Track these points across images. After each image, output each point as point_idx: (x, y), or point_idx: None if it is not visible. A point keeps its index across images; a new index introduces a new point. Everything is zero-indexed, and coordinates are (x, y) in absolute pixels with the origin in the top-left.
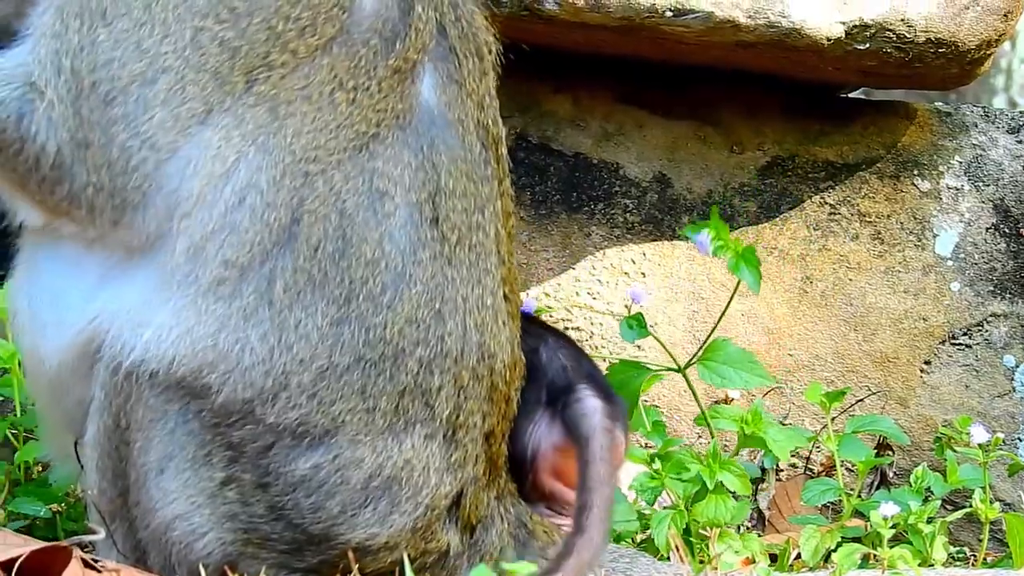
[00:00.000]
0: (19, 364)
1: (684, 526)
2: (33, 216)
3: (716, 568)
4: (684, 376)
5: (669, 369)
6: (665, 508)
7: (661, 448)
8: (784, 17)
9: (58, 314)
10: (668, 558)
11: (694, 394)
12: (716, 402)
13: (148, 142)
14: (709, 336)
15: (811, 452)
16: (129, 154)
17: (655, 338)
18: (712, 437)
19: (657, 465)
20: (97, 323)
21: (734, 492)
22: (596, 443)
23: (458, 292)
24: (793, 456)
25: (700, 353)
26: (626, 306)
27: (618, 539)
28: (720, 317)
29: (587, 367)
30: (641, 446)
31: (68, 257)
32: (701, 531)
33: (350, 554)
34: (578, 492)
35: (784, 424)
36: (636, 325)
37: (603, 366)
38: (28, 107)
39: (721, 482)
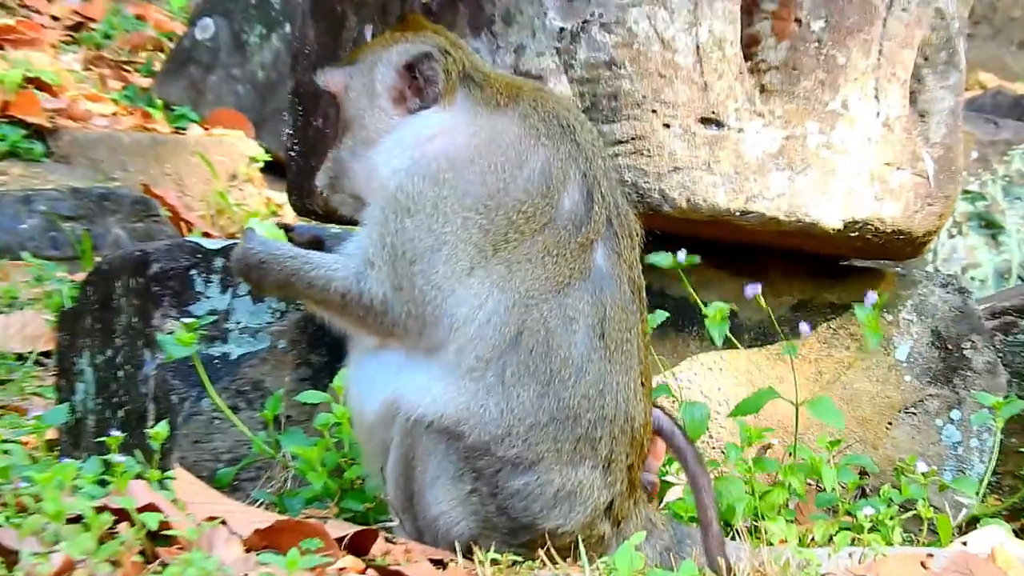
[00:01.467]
0: (348, 420)
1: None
2: (369, 341)
3: (768, 544)
4: (796, 408)
5: (791, 402)
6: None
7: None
8: (807, 216)
9: (373, 390)
10: (735, 538)
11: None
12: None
13: (437, 286)
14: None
15: (821, 476)
16: (424, 295)
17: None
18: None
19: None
20: (397, 394)
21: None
22: (678, 437)
23: (614, 379)
24: (810, 480)
25: (812, 401)
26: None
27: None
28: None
29: None
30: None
31: (380, 357)
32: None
33: (546, 536)
34: (693, 490)
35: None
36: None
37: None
38: (363, 273)
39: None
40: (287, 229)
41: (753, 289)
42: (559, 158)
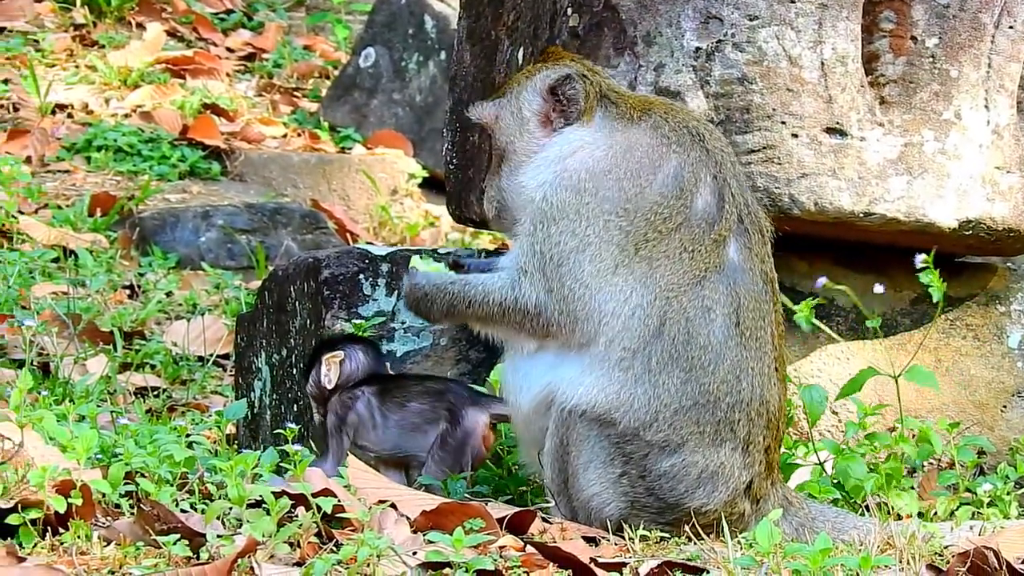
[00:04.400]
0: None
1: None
2: (529, 345)
3: (895, 518)
4: (896, 381)
5: (891, 376)
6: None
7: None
8: (925, 216)
9: (529, 383)
10: (863, 513)
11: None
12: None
13: (585, 284)
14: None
15: (941, 456)
16: (574, 293)
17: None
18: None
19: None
20: (551, 387)
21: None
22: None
23: (749, 365)
24: (932, 459)
25: (908, 371)
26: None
27: (836, 502)
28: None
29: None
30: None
31: (534, 353)
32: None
33: (691, 514)
34: None
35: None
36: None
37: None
38: (517, 281)
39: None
40: (458, 266)
41: (821, 281)
42: (690, 163)
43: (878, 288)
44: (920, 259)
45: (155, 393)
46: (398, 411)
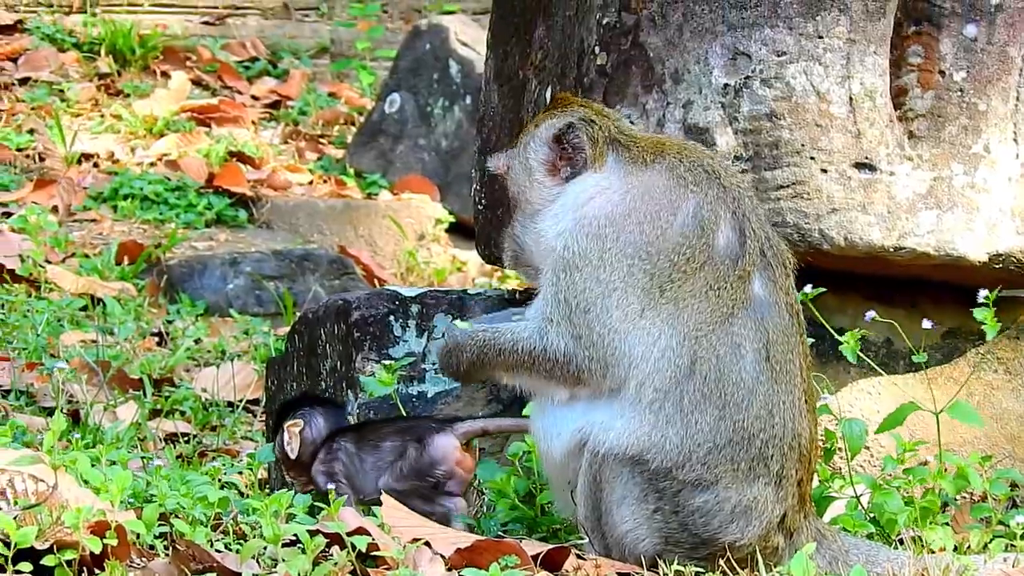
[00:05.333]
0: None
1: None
2: (560, 394)
3: (929, 552)
4: (937, 418)
5: (932, 412)
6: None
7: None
8: (955, 250)
9: (559, 429)
10: (897, 547)
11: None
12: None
13: (613, 329)
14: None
15: (974, 489)
16: (603, 339)
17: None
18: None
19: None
20: (583, 431)
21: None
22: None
23: (780, 399)
24: (965, 492)
25: (951, 407)
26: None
27: (870, 536)
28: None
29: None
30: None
31: (564, 399)
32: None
33: (725, 549)
34: None
35: None
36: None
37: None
38: (544, 330)
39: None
40: None
41: (871, 314)
42: (708, 201)
43: (927, 324)
44: (983, 295)
45: (185, 439)
46: (373, 453)
